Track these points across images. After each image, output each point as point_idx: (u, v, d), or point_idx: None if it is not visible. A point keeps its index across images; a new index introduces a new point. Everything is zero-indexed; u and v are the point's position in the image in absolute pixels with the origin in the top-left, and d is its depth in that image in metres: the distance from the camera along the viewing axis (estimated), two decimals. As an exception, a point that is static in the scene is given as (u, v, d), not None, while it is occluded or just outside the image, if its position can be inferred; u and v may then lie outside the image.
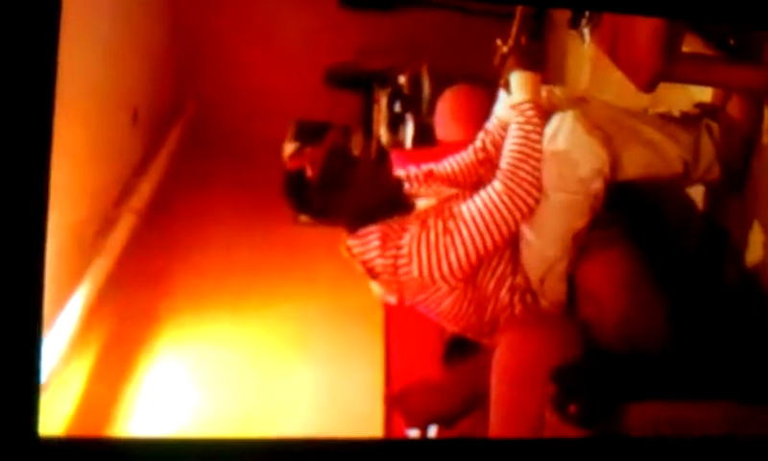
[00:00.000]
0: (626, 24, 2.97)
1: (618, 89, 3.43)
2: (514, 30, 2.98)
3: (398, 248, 2.84)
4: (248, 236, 5.23)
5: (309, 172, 2.93)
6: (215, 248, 5.12)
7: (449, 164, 3.22)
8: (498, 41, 3.01)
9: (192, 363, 4.20)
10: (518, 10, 2.98)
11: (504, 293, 2.90)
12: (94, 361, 3.98)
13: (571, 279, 2.91)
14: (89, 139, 4.51)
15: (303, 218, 3.11)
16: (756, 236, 3.06)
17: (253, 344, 4.32)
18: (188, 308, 4.56)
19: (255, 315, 4.51)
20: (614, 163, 2.87)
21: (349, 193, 2.94)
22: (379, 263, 2.89)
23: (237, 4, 6.63)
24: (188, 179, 5.99)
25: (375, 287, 3.02)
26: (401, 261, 2.84)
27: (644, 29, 2.83)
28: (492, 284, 2.90)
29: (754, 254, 3.06)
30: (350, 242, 2.97)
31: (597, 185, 2.83)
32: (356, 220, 2.95)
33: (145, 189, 5.52)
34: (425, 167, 3.20)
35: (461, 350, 3.16)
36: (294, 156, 3.08)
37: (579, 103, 3.07)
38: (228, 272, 4.88)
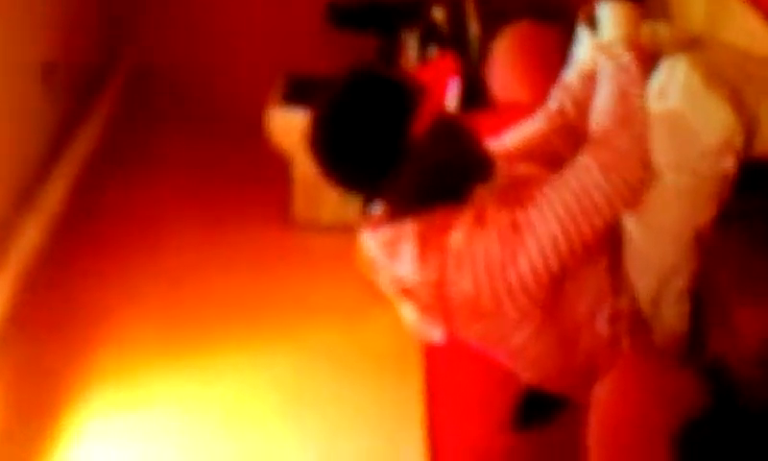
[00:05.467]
0: None
1: (746, 27, 3.36)
2: None
3: (445, 253, 2.74)
4: (215, 242, 5.27)
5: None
6: (166, 260, 5.21)
7: (513, 136, 3.16)
8: None
9: (130, 439, 4.11)
10: None
11: (602, 323, 2.83)
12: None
13: (698, 300, 2.84)
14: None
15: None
16: None
17: (225, 408, 4.30)
18: (127, 354, 4.56)
19: (228, 364, 4.52)
20: (749, 130, 2.79)
21: (435, 154, 2.82)
22: (417, 277, 2.80)
23: None
24: (125, 158, 5.99)
25: (410, 315, 2.98)
26: (449, 272, 2.74)
27: None
28: (583, 309, 2.83)
29: None
30: (373, 245, 2.90)
31: (727, 162, 2.75)
32: (410, 196, 2.84)
33: (62, 177, 5.49)
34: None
35: (539, 408, 3.12)
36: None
37: (693, 46, 3.02)
38: (186, 297, 4.92)
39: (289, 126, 4.96)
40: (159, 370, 4.41)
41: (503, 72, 4.38)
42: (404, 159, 2.76)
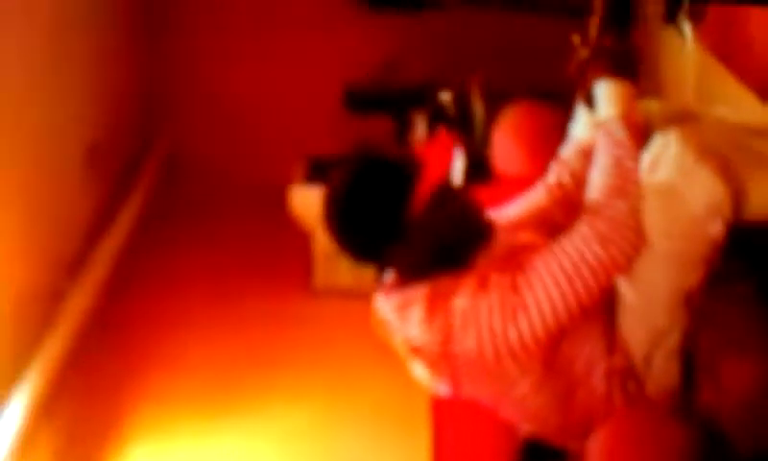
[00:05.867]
0: (739, 15, 3.09)
1: (734, 100, 3.43)
2: (593, 27, 2.93)
3: (450, 315, 2.75)
4: (244, 309, 5.34)
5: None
6: (199, 327, 5.30)
7: (515, 207, 3.16)
8: (575, 38, 2.97)
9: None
10: (599, 2, 2.93)
11: (598, 379, 2.81)
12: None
13: (688, 357, 2.82)
14: (30, 187, 4.52)
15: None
16: None
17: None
18: (162, 414, 4.64)
19: (254, 420, 4.58)
20: (736, 198, 2.81)
21: (437, 226, 2.86)
22: (426, 339, 2.80)
23: (227, 16, 6.66)
24: (162, 236, 6.05)
25: (420, 371, 2.95)
26: (454, 332, 2.74)
27: (764, 20, 2.91)
28: (580, 366, 2.81)
29: None
30: (385, 308, 2.91)
31: (715, 228, 2.77)
32: (416, 266, 2.86)
33: (105, 252, 5.54)
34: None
35: (540, 458, 3.08)
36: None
37: (684, 120, 3.07)
38: (216, 359, 5.00)
39: (309, 203, 5.03)
40: (193, 427, 4.51)
41: (505, 148, 4.34)
42: (407, 231, 2.80)
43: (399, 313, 2.86)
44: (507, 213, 3.16)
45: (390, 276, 2.92)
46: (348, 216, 2.85)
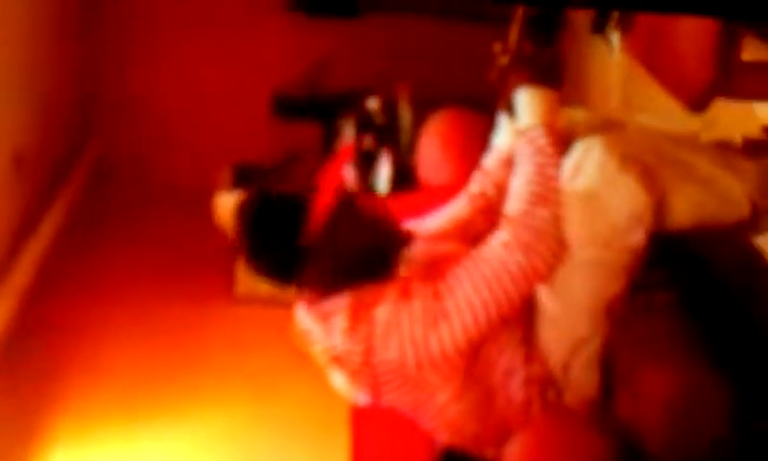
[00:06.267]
0: (666, 25, 3.02)
1: (659, 110, 3.49)
2: (513, 34, 2.96)
3: (372, 324, 2.76)
4: (165, 317, 5.41)
5: (321, 201, 2.86)
6: (121, 331, 5.27)
7: (438, 217, 3.17)
8: (497, 46, 2.99)
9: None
10: (520, 10, 2.95)
11: (516, 387, 2.82)
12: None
13: (607, 365, 2.82)
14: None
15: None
16: None
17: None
18: (84, 418, 4.65)
19: (173, 423, 4.64)
20: (658, 207, 2.80)
21: (342, 241, 2.90)
22: (347, 348, 2.82)
23: (157, 20, 6.65)
24: (87, 240, 6.07)
25: (339, 381, 2.96)
26: (376, 342, 2.75)
27: (690, 30, 2.87)
28: (500, 374, 2.81)
29: None
30: (306, 319, 2.92)
31: (636, 237, 2.77)
32: (331, 283, 2.88)
33: (29, 256, 5.54)
34: (406, 223, 3.15)
35: None
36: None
37: (608, 128, 3.04)
38: (138, 362, 5.03)
39: (234, 210, 5.01)
40: (115, 431, 4.57)
41: (430, 156, 4.31)
42: (313, 250, 2.85)
43: (321, 323, 2.88)
44: (430, 222, 3.17)
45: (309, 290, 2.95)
46: (253, 252, 2.94)
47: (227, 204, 5.04)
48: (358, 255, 2.90)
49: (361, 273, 2.87)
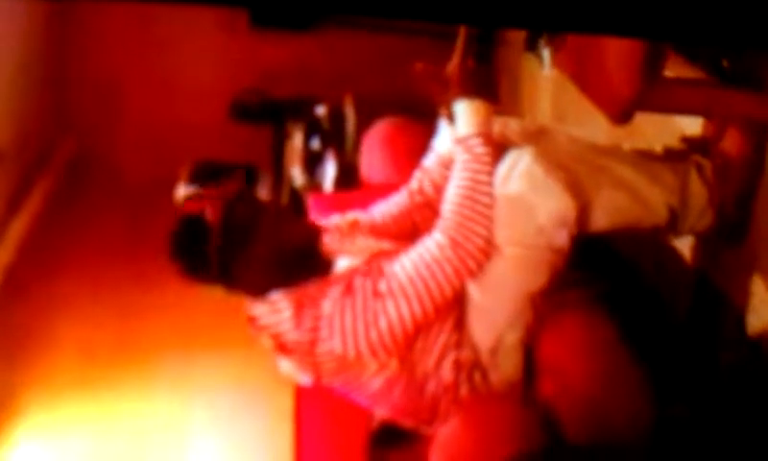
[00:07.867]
0: (595, 43, 3.00)
1: (586, 121, 3.51)
2: (457, 51, 3.00)
3: (317, 318, 2.86)
4: (126, 300, 5.40)
5: (210, 217, 2.92)
6: (88, 307, 5.40)
7: (379, 212, 3.26)
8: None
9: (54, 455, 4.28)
10: (463, 28, 3.00)
11: (447, 370, 2.90)
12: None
13: (530, 352, 2.92)
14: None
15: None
16: (758, 297, 3.08)
17: (128, 431, 4.47)
18: (51, 388, 4.78)
19: (133, 395, 4.77)
20: (582, 210, 2.91)
21: (256, 249, 2.95)
22: (293, 338, 2.91)
23: (126, 26, 6.76)
24: (62, 229, 6.14)
25: (285, 365, 3.03)
26: (321, 334, 2.85)
27: (617, 48, 2.86)
28: (432, 360, 2.90)
29: (757, 319, 3.08)
30: (256, 311, 3.00)
31: (560, 237, 2.87)
32: (263, 284, 2.97)
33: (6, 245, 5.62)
34: (349, 216, 3.24)
35: (392, 441, 3.14)
36: (190, 200, 3.07)
37: (538, 137, 3.13)
38: (104, 341, 5.16)
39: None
40: (76, 409, 4.66)
41: (373, 158, 4.42)
42: (227, 262, 2.94)
43: (268, 316, 2.95)
44: (371, 215, 3.25)
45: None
46: (182, 268, 3.02)
47: (179, 195, 5.15)
48: (285, 257, 2.98)
49: (292, 272, 2.96)
